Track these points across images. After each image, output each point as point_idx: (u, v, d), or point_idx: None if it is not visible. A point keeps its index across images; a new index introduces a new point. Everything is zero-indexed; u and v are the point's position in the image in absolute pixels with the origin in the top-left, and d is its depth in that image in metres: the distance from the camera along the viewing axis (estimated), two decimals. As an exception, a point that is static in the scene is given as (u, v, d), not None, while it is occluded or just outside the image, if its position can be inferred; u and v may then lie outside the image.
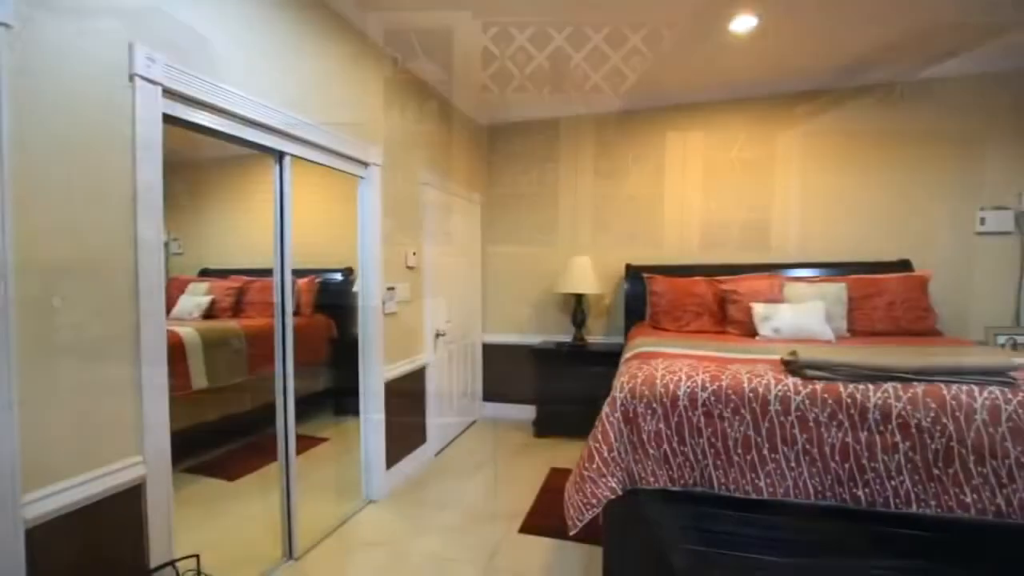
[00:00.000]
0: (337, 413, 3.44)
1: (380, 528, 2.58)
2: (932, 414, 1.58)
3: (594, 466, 1.77)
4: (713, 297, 3.28)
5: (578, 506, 1.76)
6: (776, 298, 3.09)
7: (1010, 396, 1.56)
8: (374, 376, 2.82)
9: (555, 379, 3.81)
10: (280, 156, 2.23)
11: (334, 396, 3.43)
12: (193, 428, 2.62)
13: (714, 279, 3.38)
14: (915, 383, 1.65)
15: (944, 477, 1.56)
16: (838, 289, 3.04)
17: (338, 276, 3.45)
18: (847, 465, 1.62)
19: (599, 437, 1.81)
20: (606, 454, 1.78)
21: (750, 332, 2.97)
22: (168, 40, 1.68)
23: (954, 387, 1.62)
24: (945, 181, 3.42)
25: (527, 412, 4.25)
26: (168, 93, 1.67)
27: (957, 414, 1.57)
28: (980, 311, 3.35)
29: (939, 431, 1.57)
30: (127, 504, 1.56)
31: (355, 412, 2.88)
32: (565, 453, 3.47)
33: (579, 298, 3.96)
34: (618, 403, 1.83)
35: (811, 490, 1.64)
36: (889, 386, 1.65)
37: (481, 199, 4.43)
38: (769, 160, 3.75)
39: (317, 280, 3.46)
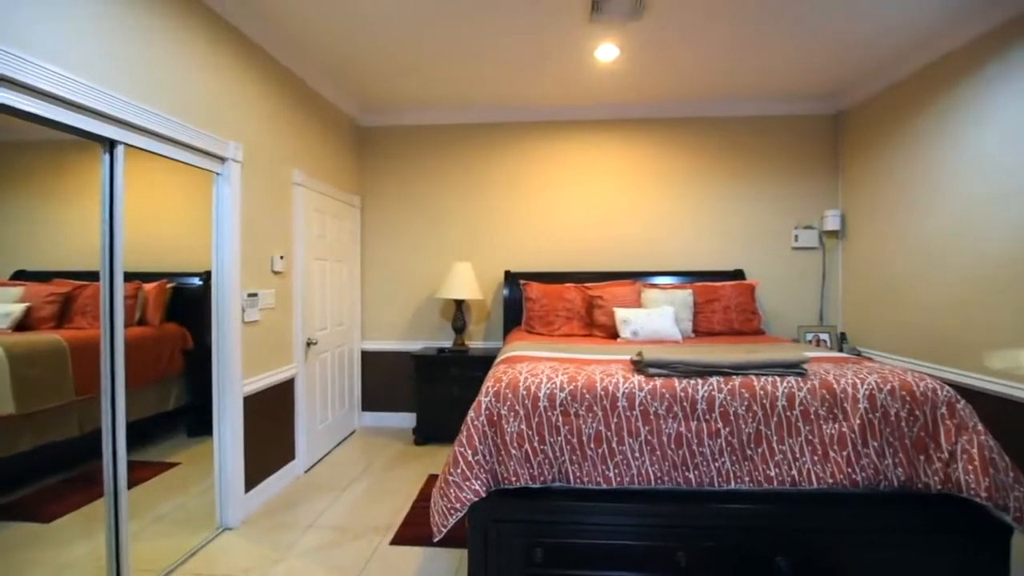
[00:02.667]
0: (192, 433, 3.09)
1: (236, 557, 2.36)
2: (746, 403, 1.85)
3: (459, 470, 1.80)
4: (582, 302, 3.51)
5: (443, 512, 1.77)
6: (635, 303, 3.40)
7: (802, 384, 1.88)
8: (231, 391, 2.58)
9: (436, 385, 3.80)
10: (111, 145, 1.96)
11: (189, 414, 3.08)
12: (-8, 463, 2.19)
13: (584, 286, 3.62)
14: (734, 377, 1.92)
15: (755, 456, 1.83)
16: (686, 295, 3.42)
17: (196, 280, 3.10)
18: (681, 452, 1.83)
19: (464, 441, 1.84)
20: (471, 457, 1.81)
21: (613, 335, 3.22)
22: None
23: (763, 379, 1.90)
24: (771, 204, 4.03)
25: (408, 420, 4.18)
26: (-56, 61, 1.38)
27: (764, 402, 1.85)
28: (794, 313, 3.99)
29: (751, 417, 1.84)
30: None
31: (212, 432, 2.61)
32: (444, 460, 3.46)
33: (460, 304, 3.99)
34: (483, 407, 1.88)
35: (651, 476, 1.82)
36: (714, 380, 1.90)
37: (361, 203, 4.28)
38: (633, 178, 4.12)
39: (170, 285, 3.08)
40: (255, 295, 2.77)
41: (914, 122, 3.21)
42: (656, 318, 3.11)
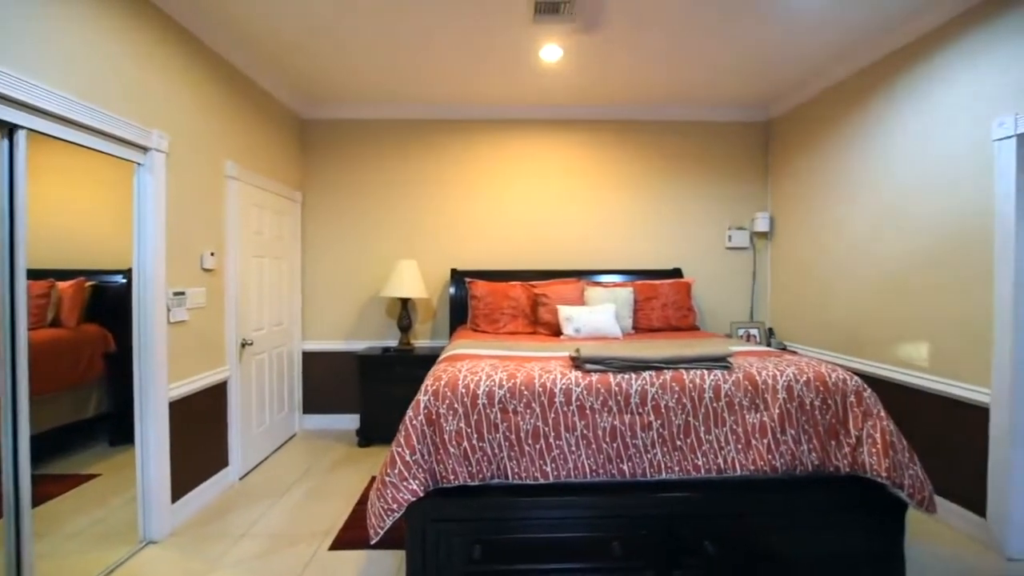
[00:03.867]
0: (115, 443, 2.89)
1: (159, 571, 2.23)
2: (676, 396, 1.93)
3: (396, 471, 1.78)
4: (527, 300, 3.55)
5: (379, 514, 1.75)
6: (579, 301, 3.48)
7: (727, 377, 1.99)
8: (154, 396, 2.43)
9: (381, 386, 3.73)
10: (10, 130, 1.80)
11: (111, 422, 2.88)
12: None
13: (529, 284, 3.66)
14: (665, 371, 2.00)
15: (684, 447, 1.92)
16: (627, 293, 3.53)
17: (120, 279, 2.89)
18: (615, 444, 1.89)
19: (402, 442, 1.82)
20: (408, 457, 1.80)
21: (557, 332, 3.28)
22: None
23: (692, 373, 2.00)
24: (706, 206, 4.22)
25: (352, 422, 4.08)
26: None
27: (693, 394, 1.94)
28: (728, 309, 4.21)
29: (680, 409, 1.92)
30: None
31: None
32: (389, 460, 3.41)
33: (405, 302, 3.93)
34: (422, 406, 1.87)
35: (587, 469, 1.87)
36: (647, 375, 1.97)
37: (303, 198, 4.14)
38: (578, 178, 4.20)
39: (89, 283, 2.85)
40: (182, 294, 2.62)
41: (832, 132, 3.45)
42: (598, 315, 3.19)
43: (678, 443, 1.92)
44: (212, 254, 2.89)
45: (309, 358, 4.16)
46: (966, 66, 2.52)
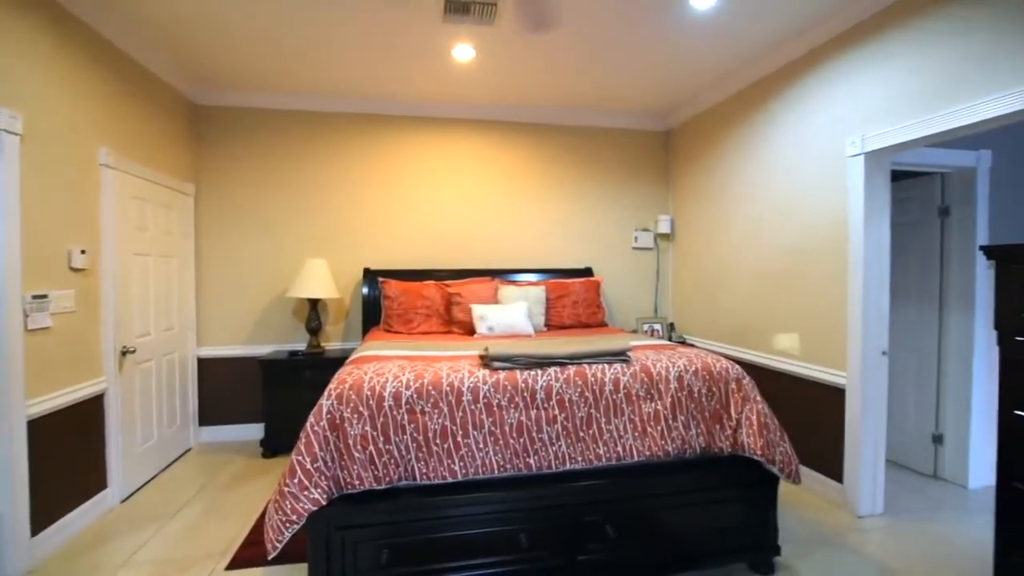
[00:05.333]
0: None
1: (16, 614, 1.96)
2: (579, 389, 2.02)
3: (296, 480, 1.70)
4: (442, 300, 3.54)
5: (277, 527, 1.67)
6: (492, 300, 3.52)
7: (626, 369, 2.12)
8: (8, 415, 2.12)
9: (288, 392, 3.53)
10: None
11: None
12: None
13: (443, 283, 3.65)
14: (570, 366, 2.09)
15: (587, 437, 2.02)
16: (539, 291, 3.63)
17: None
18: (522, 439, 1.94)
19: (303, 449, 1.75)
20: (310, 465, 1.73)
21: (471, 331, 3.30)
22: None
23: (594, 367, 2.10)
24: (615, 207, 4.45)
25: (255, 432, 3.84)
26: None
27: (594, 388, 2.04)
28: (635, 306, 4.47)
29: (583, 402, 2.02)
30: None
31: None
32: (296, 470, 3.24)
33: (315, 303, 3.76)
34: (324, 411, 1.81)
35: (495, 465, 1.91)
36: (552, 370, 2.05)
37: (196, 191, 3.81)
38: (493, 178, 4.24)
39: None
40: (44, 297, 2.32)
41: (722, 143, 3.78)
42: (511, 313, 3.25)
43: (581, 434, 2.01)
44: (83, 252, 2.58)
45: (206, 365, 3.85)
46: (825, 92, 2.87)
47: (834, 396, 2.80)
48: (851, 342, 2.69)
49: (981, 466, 3.02)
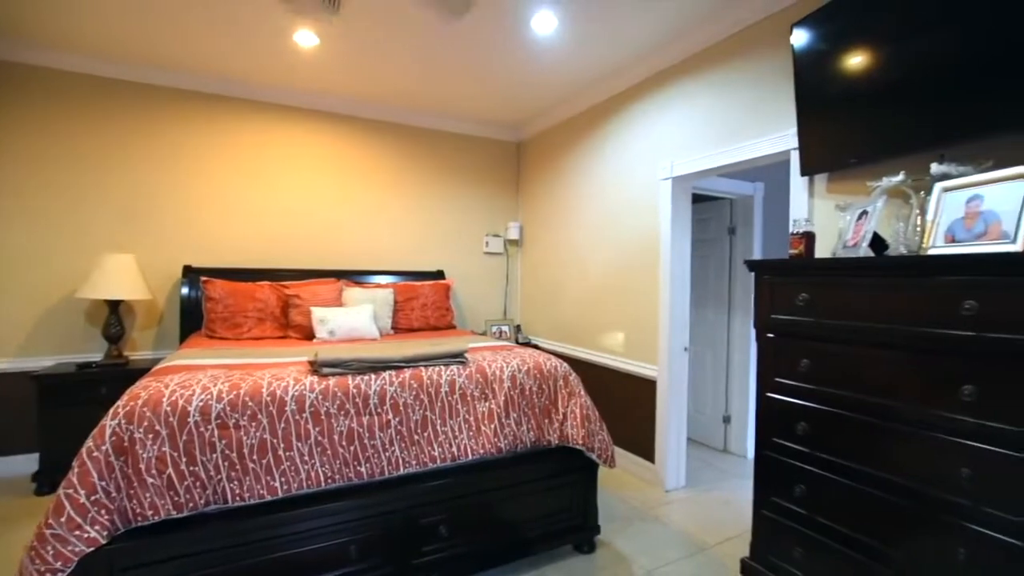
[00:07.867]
0: None
1: None
2: (414, 393, 2.02)
3: (63, 519, 1.43)
4: (278, 302, 3.26)
5: (34, 577, 1.38)
6: (335, 302, 3.35)
7: (462, 371, 2.17)
8: None
9: (74, 412, 2.91)
10: None
11: None
12: None
13: (280, 284, 3.37)
14: (405, 369, 2.08)
15: (422, 440, 2.02)
16: (387, 294, 3.56)
17: None
18: (352, 448, 1.88)
19: (75, 482, 1.47)
20: (84, 500, 1.46)
21: (310, 335, 3.10)
22: None
23: (431, 369, 2.12)
24: (468, 212, 4.55)
25: (27, 464, 3.13)
26: None
27: (430, 390, 2.06)
28: (484, 308, 4.62)
29: (419, 405, 2.02)
30: None
31: None
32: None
33: (116, 305, 3.19)
34: (108, 433, 1.55)
35: (322, 477, 1.81)
36: (387, 374, 2.02)
37: (-64, 162, 2.98)
38: (340, 174, 4.04)
39: None
40: None
41: (565, 157, 4.10)
42: (354, 317, 3.12)
43: (416, 438, 2.01)
44: None
45: (-49, 384, 3.03)
46: (648, 119, 3.28)
47: (648, 387, 3.20)
48: (661, 340, 3.10)
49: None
